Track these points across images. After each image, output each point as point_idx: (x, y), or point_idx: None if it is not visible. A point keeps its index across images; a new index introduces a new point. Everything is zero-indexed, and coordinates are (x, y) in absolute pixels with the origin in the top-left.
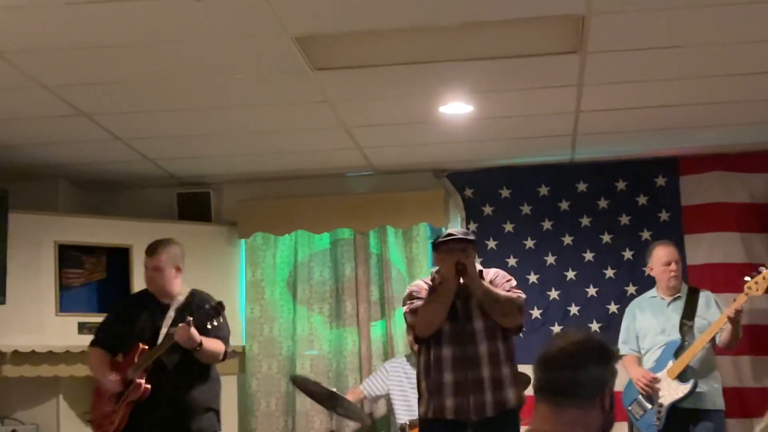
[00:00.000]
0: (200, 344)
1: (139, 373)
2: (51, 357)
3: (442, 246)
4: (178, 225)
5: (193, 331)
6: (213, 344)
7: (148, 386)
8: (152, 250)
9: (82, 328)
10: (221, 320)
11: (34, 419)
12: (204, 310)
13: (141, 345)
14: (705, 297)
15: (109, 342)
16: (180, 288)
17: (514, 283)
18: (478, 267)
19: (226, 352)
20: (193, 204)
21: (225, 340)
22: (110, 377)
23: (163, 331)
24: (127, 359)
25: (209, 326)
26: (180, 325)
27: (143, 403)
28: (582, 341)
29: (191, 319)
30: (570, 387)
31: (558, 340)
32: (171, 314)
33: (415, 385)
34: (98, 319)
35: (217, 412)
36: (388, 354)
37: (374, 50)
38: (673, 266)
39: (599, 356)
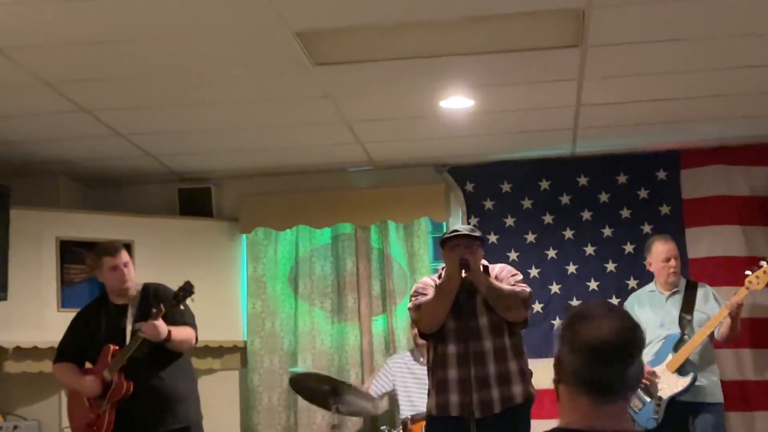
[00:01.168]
0: (169, 334)
1: (115, 373)
2: (53, 353)
3: (447, 242)
4: (180, 220)
5: (160, 323)
6: (182, 332)
7: (131, 382)
8: (114, 249)
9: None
10: (183, 306)
11: (36, 415)
12: (174, 293)
13: (112, 347)
14: (703, 291)
15: (75, 355)
16: (134, 285)
17: (519, 277)
18: (484, 263)
19: (197, 337)
20: (195, 199)
21: (193, 325)
22: (87, 380)
23: (129, 328)
24: (100, 363)
25: (182, 307)
26: (152, 314)
27: (126, 401)
28: (627, 329)
29: (155, 311)
30: (620, 381)
31: (600, 328)
32: (131, 311)
33: (418, 380)
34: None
35: (198, 400)
36: (389, 348)
37: (375, 45)
38: (672, 262)
39: (642, 344)
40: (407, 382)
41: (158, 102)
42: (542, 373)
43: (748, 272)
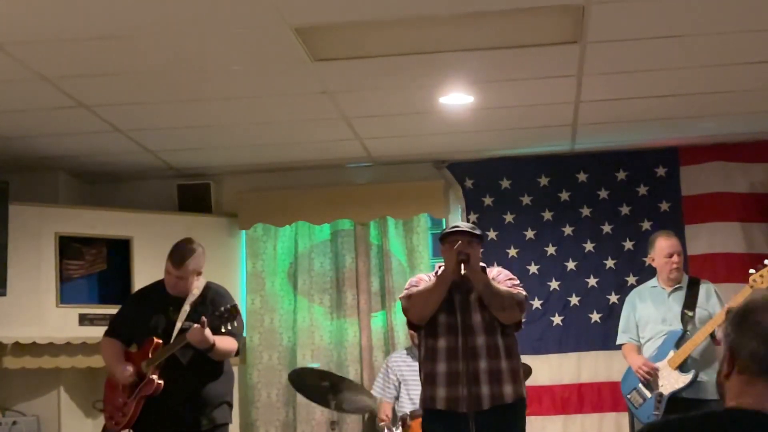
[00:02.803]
0: (213, 345)
1: (152, 368)
2: (52, 348)
3: (447, 238)
4: (179, 216)
5: (207, 332)
6: (225, 343)
7: (161, 382)
8: (179, 261)
9: (83, 319)
10: (235, 323)
11: (35, 411)
12: (219, 313)
13: (156, 340)
14: (705, 288)
15: (124, 333)
16: (196, 283)
17: (516, 281)
18: (482, 264)
19: (239, 349)
20: (194, 195)
21: (239, 337)
22: (124, 369)
23: (178, 325)
24: (141, 352)
25: (223, 330)
26: (194, 326)
27: (156, 397)
28: None
29: (205, 320)
30: None
31: None
32: (186, 308)
33: (416, 377)
34: (99, 310)
35: (230, 405)
36: (388, 345)
37: (374, 41)
38: (675, 258)
39: None
40: (406, 379)
41: (157, 98)
42: (541, 369)
43: (752, 270)
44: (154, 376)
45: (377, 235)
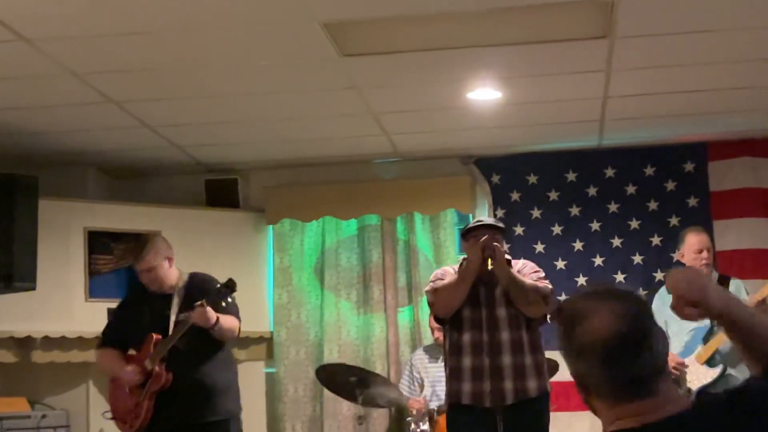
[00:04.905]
0: (217, 320)
1: (156, 363)
2: (81, 343)
3: (471, 232)
4: (206, 212)
5: (209, 310)
6: (228, 320)
7: (170, 373)
8: (138, 254)
9: (112, 314)
10: (231, 299)
11: (64, 405)
12: (217, 289)
13: (155, 336)
14: (735, 284)
15: (118, 340)
16: (178, 274)
17: (542, 274)
18: (507, 257)
19: (240, 328)
20: (221, 190)
21: (237, 316)
22: (128, 369)
23: (172, 318)
24: (142, 352)
25: (224, 304)
26: (196, 305)
27: (165, 391)
28: (625, 316)
29: (205, 299)
30: (648, 369)
31: (598, 329)
32: (176, 300)
33: (439, 373)
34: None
35: (238, 393)
36: (415, 340)
37: (402, 36)
38: (704, 254)
39: (647, 321)
40: (430, 374)
41: (185, 93)
42: None
43: None
44: (161, 369)
45: (404, 230)
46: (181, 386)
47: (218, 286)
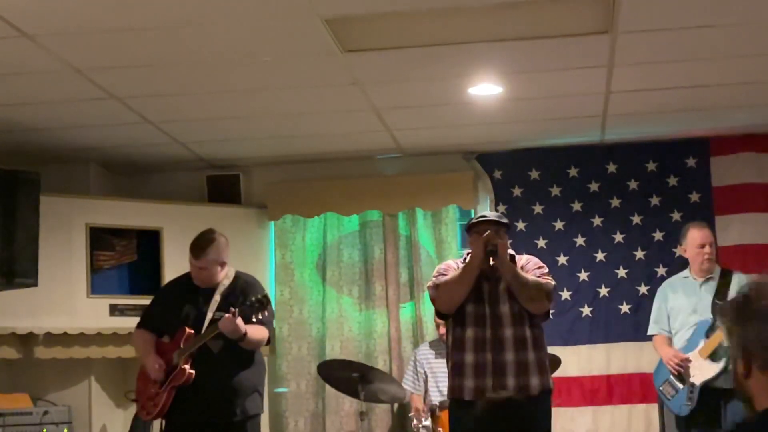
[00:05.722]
0: (245, 334)
1: (184, 358)
2: (83, 339)
3: (474, 227)
4: (208, 207)
5: (239, 321)
6: (257, 332)
7: (192, 372)
8: (198, 251)
9: (114, 310)
10: (266, 313)
11: (67, 401)
12: (250, 302)
13: (188, 330)
14: (738, 278)
15: (155, 325)
16: (225, 273)
17: (545, 270)
18: (511, 252)
19: (270, 338)
20: (223, 186)
21: (269, 325)
22: (155, 364)
23: (209, 316)
24: (173, 343)
25: (254, 319)
26: (225, 315)
27: (187, 387)
28: None
29: (235, 310)
30: None
31: None
32: (216, 298)
33: (443, 369)
34: (129, 301)
35: (261, 394)
36: (417, 335)
37: (404, 32)
38: (707, 249)
39: None
40: (434, 371)
41: (187, 89)
42: (571, 360)
43: None
44: (186, 366)
45: (406, 226)
46: (205, 385)
47: (253, 299)
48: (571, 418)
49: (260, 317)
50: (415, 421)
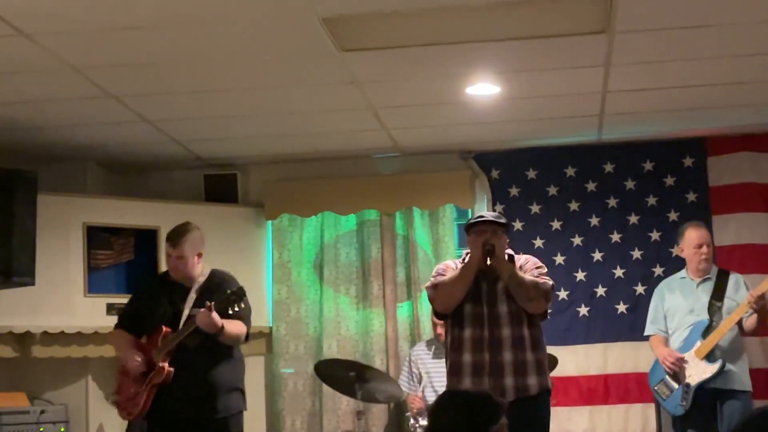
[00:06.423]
0: (222, 328)
1: (162, 356)
2: (80, 338)
3: (472, 227)
4: (205, 207)
5: (215, 315)
6: (235, 327)
7: (171, 369)
8: (174, 239)
9: (111, 309)
10: (242, 305)
11: (64, 400)
12: (226, 296)
13: (164, 328)
14: (735, 279)
15: (132, 325)
16: (201, 269)
17: (544, 270)
18: (509, 252)
19: (248, 333)
20: (220, 186)
21: (247, 320)
22: (134, 358)
23: (185, 313)
24: (151, 342)
25: (230, 312)
26: (201, 310)
27: (167, 385)
28: None
29: (212, 304)
30: None
31: None
32: (192, 296)
33: (438, 369)
34: (126, 300)
35: (242, 392)
36: (414, 335)
37: (401, 31)
38: (704, 249)
39: None
40: (429, 371)
41: (185, 88)
42: (568, 360)
43: None
44: (164, 364)
45: (403, 225)
46: (184, 382)
47: (228, 292)
48: (568, 418)
49: (237, 309)
50: (412, 421)
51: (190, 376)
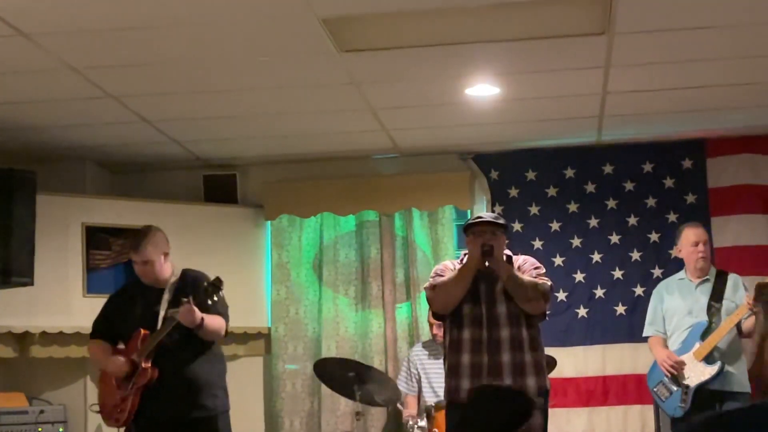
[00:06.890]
0: (202, 321)
1: (143, 358)
2: (78, 338)
3: (471, 228)
4: (204, 207)
5: (195, 309)
6: (214, 321)
7: (156, 369)
8: (136, 245)
9: (104, 304)
10: (221, 294)
11: (62, 400)
12: (204, 288)
13: (142, 331)
14: (733, 280)
15: (109, 333)
16: (171, 270)
17: (542, 270)
18: (507, 252)
19: (227, 329)
20: (220, 186)
21: (225, 316)
22: (116, 360)
23: (161, 314)
24: (130, 346)
25: (210, 302)
26: (182, 303)
27: (152, 387)
28: None
29: (191, 297)
30: None
31: None
32: (166, 296)
33: (437, 370)
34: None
35: (225, 390)
36: (413, 336)
37: (401, 32)
38: (701, 247)
39: None
40: (427, 372)
41: (184, 88)
42: (566, 361)
43: None
44: (148, 365)
45: (402, 226)
46: (168, 382)
47: (205, 284)
48: (566, 419)
49: (215, 299)
50: (410, 422)
51: (172, 375)
